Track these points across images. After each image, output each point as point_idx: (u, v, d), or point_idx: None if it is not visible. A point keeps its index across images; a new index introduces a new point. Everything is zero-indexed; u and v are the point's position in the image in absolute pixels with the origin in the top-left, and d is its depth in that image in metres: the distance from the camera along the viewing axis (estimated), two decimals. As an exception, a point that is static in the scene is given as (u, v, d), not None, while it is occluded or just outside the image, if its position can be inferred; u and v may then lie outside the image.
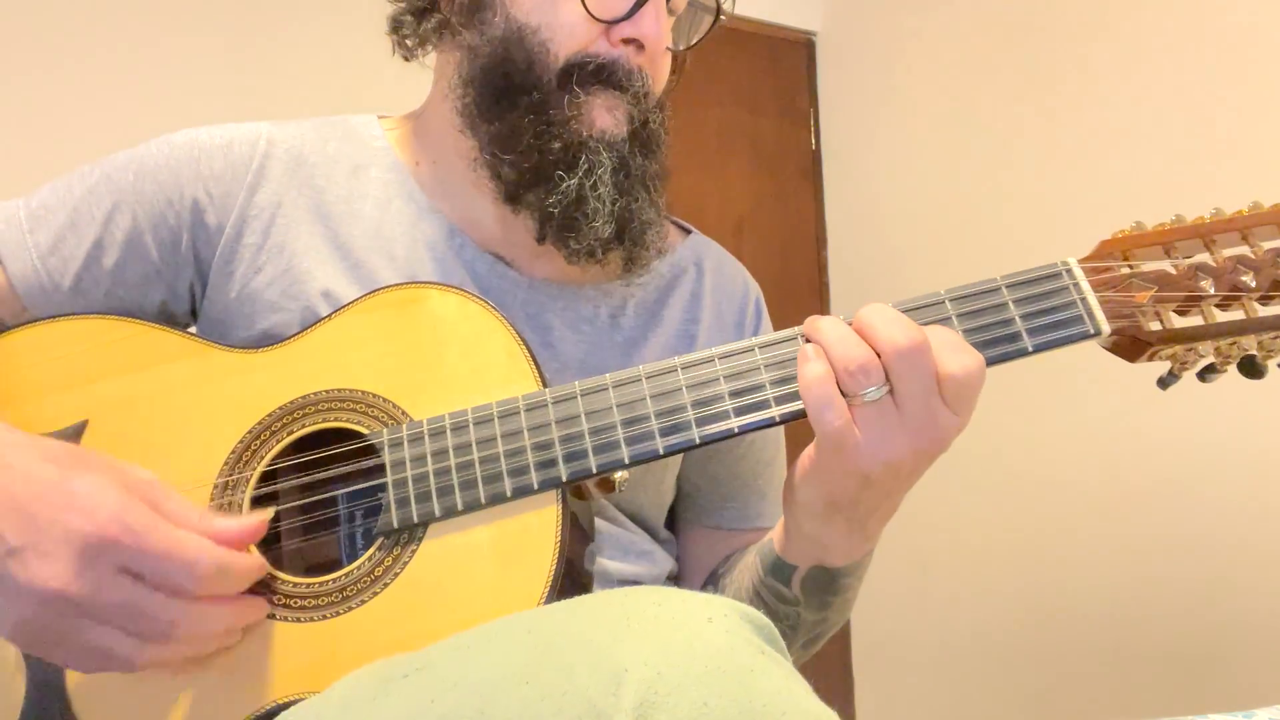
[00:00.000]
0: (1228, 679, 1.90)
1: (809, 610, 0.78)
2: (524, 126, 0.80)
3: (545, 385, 0.69)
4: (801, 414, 0.64)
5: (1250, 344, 0.61)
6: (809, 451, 0.66)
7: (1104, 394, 2.10)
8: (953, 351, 0.61)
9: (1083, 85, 2.27)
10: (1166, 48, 2.10)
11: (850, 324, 0.63)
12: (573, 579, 0.67)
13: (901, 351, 0.60)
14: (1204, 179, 1.98)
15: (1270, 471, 1.86)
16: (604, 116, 0.81)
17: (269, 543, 0.71)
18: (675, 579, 0.94)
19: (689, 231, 1.00)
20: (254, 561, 0.62)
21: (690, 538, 0.96)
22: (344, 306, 0.75)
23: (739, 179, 2.91)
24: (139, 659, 0.58)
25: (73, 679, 0.65)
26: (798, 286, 2.94)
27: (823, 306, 3.00)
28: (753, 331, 0.96)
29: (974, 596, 2.41)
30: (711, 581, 0.90)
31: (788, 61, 3.09)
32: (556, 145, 0.80)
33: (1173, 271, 0.59)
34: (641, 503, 0.88)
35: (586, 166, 0.80)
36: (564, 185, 0.79)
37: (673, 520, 0.97)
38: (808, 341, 0.64)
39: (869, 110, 2.94)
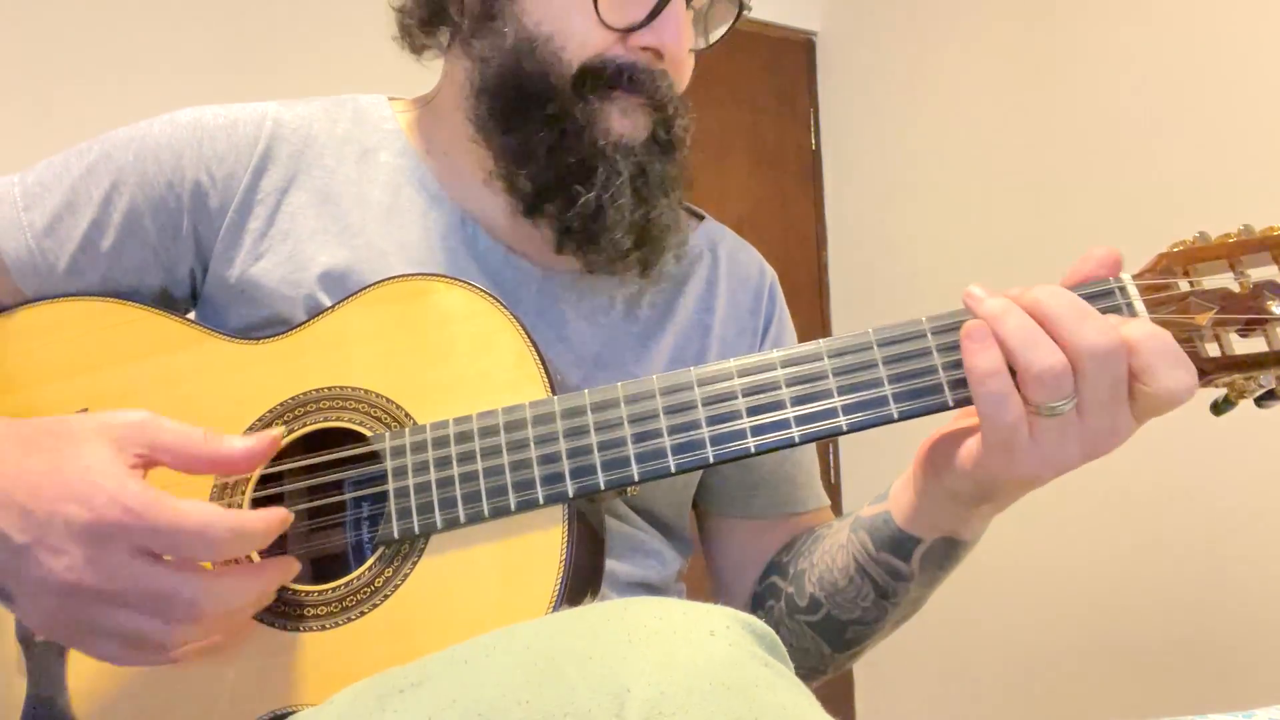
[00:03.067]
0: (1228, 679, 1.90)
1: (919, 586, 0.75)
2: (539, 140, 0.78)
3: (554, 391, 0.67)
4: (824, 436, 0.62)
5: None
6: (972, 446, 0.61)
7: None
8: (1167, 364, 0.55)
9: (1085, 84, 2.26)
10: (1173, 44, 2.08)
11: (1026, 309, 0.56)
12: (579, 583, 0.65)
13: (1098, 355, 0.54)
14: (1215, 179, 1.97)
15: (1270, 471, 1.85)
16: (620, 121, 0.78)
17: (270, 545, 0.69)
18: (684, 577, 0.91)
19: (702, 218, 0.98)
20: (273, 516, 0.59)
21: (723, 530, 0.93)
22: (348, 297, 0.73)
23: (739, 179, 2.91)
24: (170, 641, 0.57)
25: (73, 683, 0.64)
26: (798, 286, 2.92)
27: (823, 306, 3.00)
28: (768, 317, 0.94)
29: (973, 596, 2.39)
30: (778, 572, 0.86)
31: (788, 61, 3.08)
32: (572, 159, 0.77)
33: (1236, 289, 0.55)
34: (655, 498, 0.85)
35: (604, 178, 0.77)
36: (581, 200, 0.77)
37: (697, 510, 0.94)
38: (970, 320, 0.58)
39: (869, 110, 2.93)
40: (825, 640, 0.80)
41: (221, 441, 0.59)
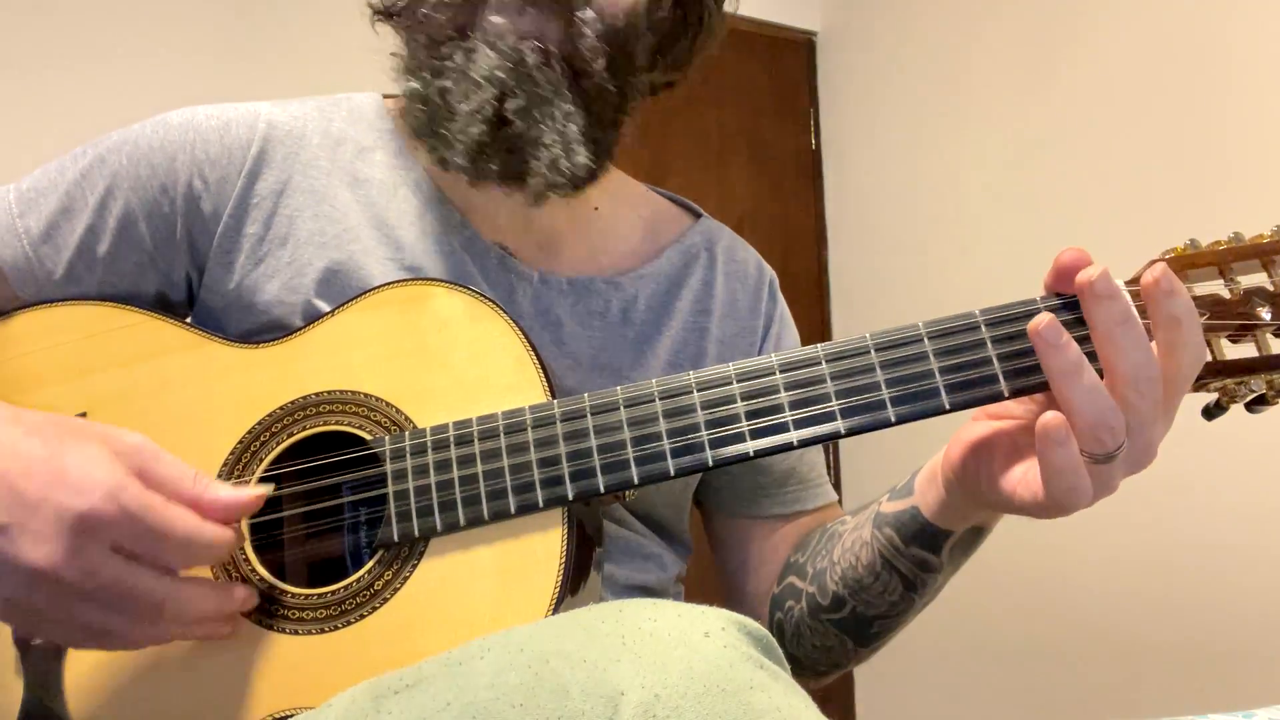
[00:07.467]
0: (1228, 679, 1.91)
1: (945, 574, 0.76)
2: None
3: (553, 395, 0.67)
4: (822, 439, 0.62)
5: None
6: (1022, 491, 0.60)
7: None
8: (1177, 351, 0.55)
9: (1087, 83, 2.26)
10: (1171, 47, 2.08)
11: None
12: (578, 588, 0.65)
13: (1141, 388, 0.55)
14: (1222, 183, 1.97)
15: (1271, 471, 1.86)
16: (504, 13, 0.73)
17: (269, 549, 0.69)
18: (683, 580, 0.91)
19: (698, 215, 0.96)
20: (229, 535, 0.60)
21: (733, 531, 0.92)
22: (348, 302, 0.73)
23: (739, 179, 2.91)
24: (130, 638, 0.58)
25: (70, 687, 0.64)
26: (798, 286, 2.92)
27: (823, 306, 3.00)
28: (768, 316, 0.93)
29: (974, 596, 2.39)
30: (795, 572, 0.85)
31: (788, 61, 3.08)
32: (442, 17, 0.74)
33: (1227, 295, 0.55)
34: (654, 502, 0.85)
35: (463, 54, 0.73)
36: (437, 62, 0.75)
37: (704, 512, 0.94)
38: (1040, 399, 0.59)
39: (869, 110, 2.94)
40: (850, 636, 0.80)
41: (209, 487, 0.60)
